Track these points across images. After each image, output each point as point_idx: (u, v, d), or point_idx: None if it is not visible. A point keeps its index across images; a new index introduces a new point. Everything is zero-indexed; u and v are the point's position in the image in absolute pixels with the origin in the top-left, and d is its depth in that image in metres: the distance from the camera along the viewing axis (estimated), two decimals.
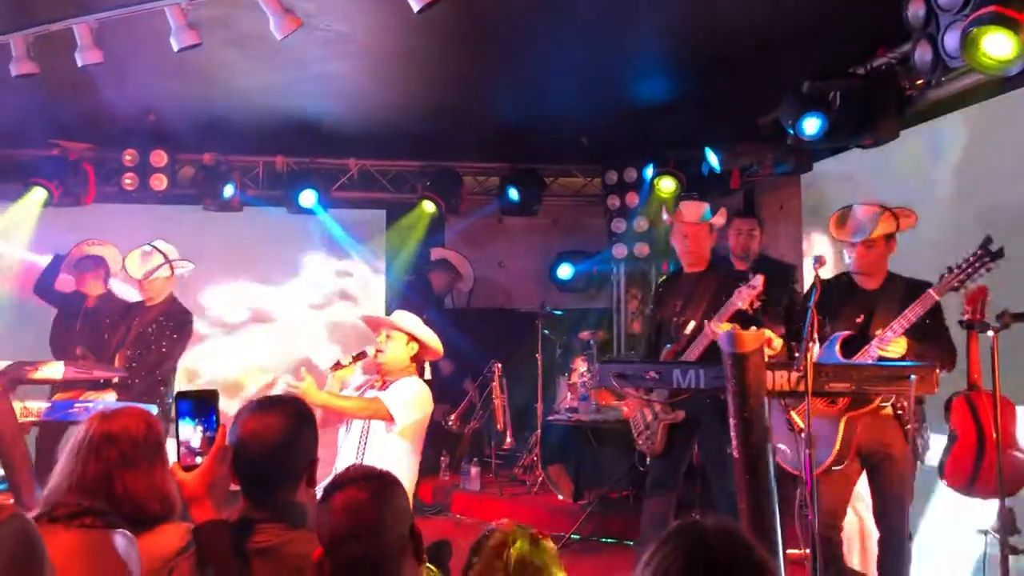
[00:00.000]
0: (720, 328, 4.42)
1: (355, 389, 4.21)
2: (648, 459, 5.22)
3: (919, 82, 4.74)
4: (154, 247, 5.81)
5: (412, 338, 4.16)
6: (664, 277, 5.93)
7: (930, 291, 3.86)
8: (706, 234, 4.87)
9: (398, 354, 4.12)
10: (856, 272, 4.17)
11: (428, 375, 4.37)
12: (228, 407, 4.82)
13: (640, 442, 4.94)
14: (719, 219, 4.90)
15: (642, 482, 6.13)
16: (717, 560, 1.30)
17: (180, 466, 2.07)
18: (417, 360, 4.19)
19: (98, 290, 6.31)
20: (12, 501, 3.96)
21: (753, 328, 4.35)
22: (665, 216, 5.12)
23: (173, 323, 5.72)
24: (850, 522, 4.52)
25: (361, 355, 4.24)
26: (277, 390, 7.83)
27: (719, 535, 1.33)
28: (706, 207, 4.98)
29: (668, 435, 4.80)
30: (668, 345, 4.81)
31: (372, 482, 1.90)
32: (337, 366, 4.20)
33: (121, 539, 1.98)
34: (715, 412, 4.54)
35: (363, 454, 4.00)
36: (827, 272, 3.91)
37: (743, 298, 4.41)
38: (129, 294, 6.41)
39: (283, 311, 8.35)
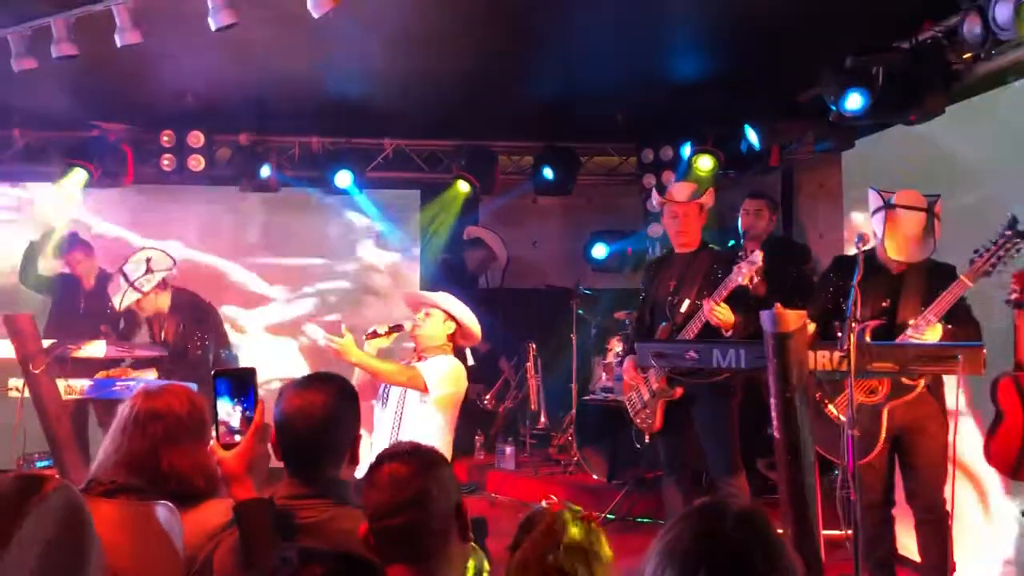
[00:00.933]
0: (719, 308, 4.39)
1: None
2: (647, 437, 5.25)
3: (966, 56, 4.62)
4: (120, 271, 5.51)
5: (449, 317, 4.16)
6: (654, 258, 5.91)
7: (962, 278, 3.77)
8: (696, 214, 4.85)
9: (434, 331, 4.13)
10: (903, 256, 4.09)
11: (471, 360, 4.36)
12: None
13: (638, 421, 4.98)
14: (708, 199, 4.89)
15: None
16: (728, 543, 1.25)
17: (219, 445, 2.08)
18: (454, 341, 4.19)
19: (94, 271, 6.39)
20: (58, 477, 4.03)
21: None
22: (655, 198, 5.12)
23: (193, 322, 5.63)
24: None
25: (398, 327, 4.25)
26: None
27: (736, 518, 1.27)
28: (695, 187, 4.97)
29: (665, 412, 4.81)
30: (663, 324, 4.80)
31: (417, 456, 1.90)
32: (373, 335, 4.19)
33: (163, 510, 1.99)
34: (707, 388, 4.61)
35: (398, 430, 4.02)
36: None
37: (743, 274, 4.36)
38: None
39: (316, 291, 8.39)
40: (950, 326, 3.84)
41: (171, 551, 1.96)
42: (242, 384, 2.10)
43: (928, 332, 3.81)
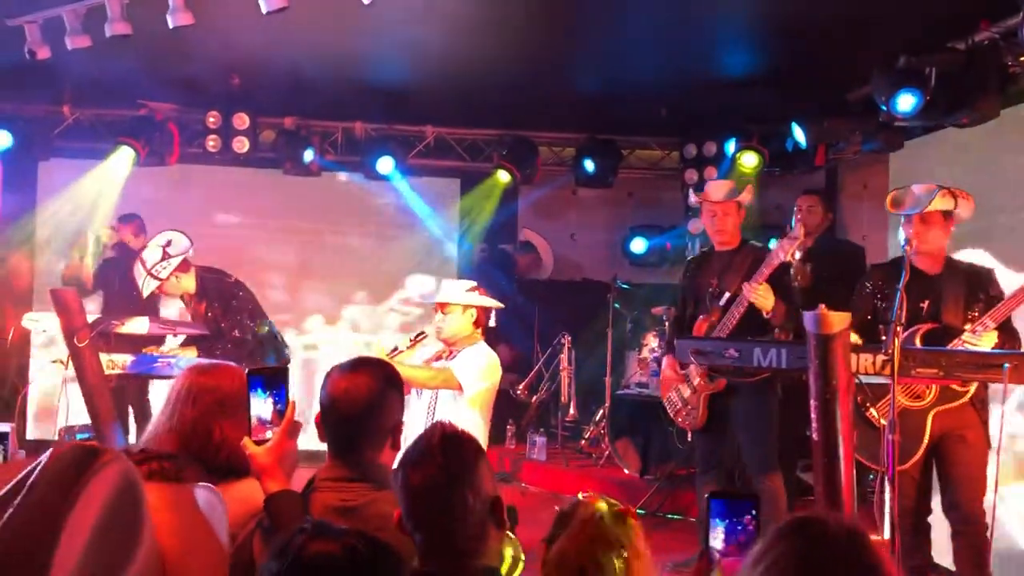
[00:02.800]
0: (759, 288, 4.35)
1: (424, 362, 4.23)
2: (689, 436, 5.21)
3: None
4: (138, 258, 5.45)
5: (467, 307, 4.15)
6: (694, 256, 5.86)
7: None
8: (734, 211, 4.81)
9: (459, 326, 4.13)
10: (915, 252, 3.99)
11: (492, 322, 4.35)
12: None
13: (679, 420, 4.94)
14: (746, 196, 4.84)
15: None
16: (837, 564, 1.20)
17: (251, 439, 2.11)
18: (480, 324, 4.19)
19: (140, 243, 6.45)
20: None
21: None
22: (693, 198, 5.08)
23: (220, 304, 5.62)
24: None
25: (420, 336, 4.26)
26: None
27: (839, 536, 1.23)
28: (732, 185, 4.93)
29: (709, 407, 4.78)
30: (701, 317, 4.77)
31: (451, 460, 1.87)
32: (395, 351, 4.17)
33: (203, 492, 2.01)
34: (749, 384, 4.58)
35: (432, 420, 4.02)
36: (882, 257, 3.78)
37: (784, 248, 4.35)
38: None
39: (355, 277, 8.45)
40: (1001, 335, 3.77)
41: (211, 534, 1.96)
42: (274, 380, 2.13)
43: (984, 338, 3.74)
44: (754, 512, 1.68)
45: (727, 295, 4.66)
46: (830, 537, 1.22)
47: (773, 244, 4.61)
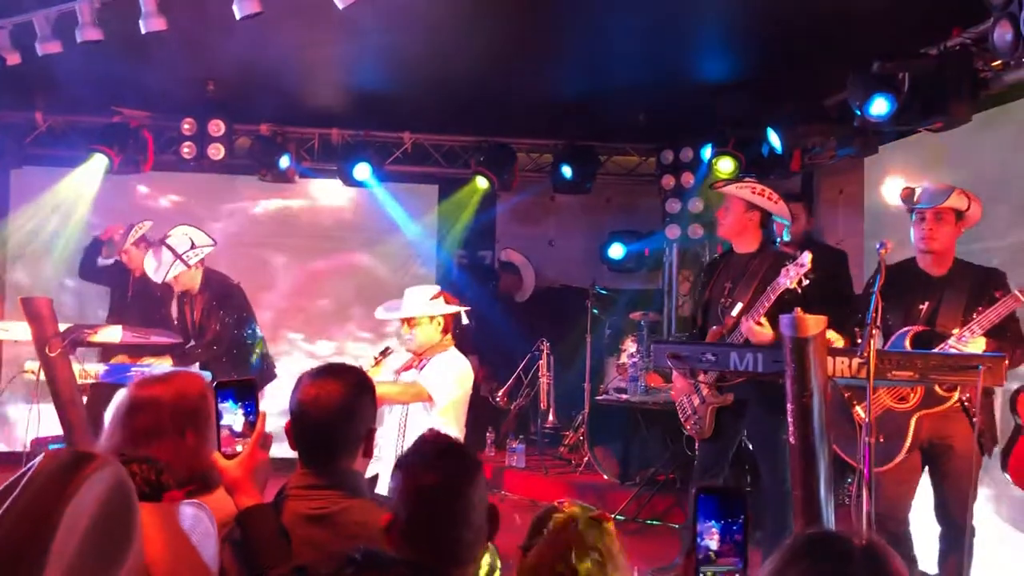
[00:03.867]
0: (758, 329, 4.26)
1: (394, 372, 4.18)
2: (696, 444, 5.17)
3: (996, 64, 4.57)
4: (164, 244, 5.61)
5: (432, 318, 4.10)
6: (714, 257, 5.82)
7: (1016, 292, 3.67)
8: (741, 211, 4.71)
9: (428, 336, 4.08)
10: (924, 251, 3.99)
11: (465, 320, 4.29)
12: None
13: (688, 427, 4.89)
14: (752, 197, 4.70)
15: (689, 465, 6.09)
16: None
17: (221, 452, 2.07)
18: (448, 330, 4.12)
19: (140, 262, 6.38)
20: None
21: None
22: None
23: (217, 300, 5.70)
24: None
25: (385, 352, 4.23)
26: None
27: (866, 559, 1.16)
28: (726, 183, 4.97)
29: (717, 419, 4.73)
30: (714, 327, 4.72)
31: (458, 467, 1.84)
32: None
33: (189, 510, 1.96)
34: (761, 396, 4.47)
35: (404, 431, 3.99)
36: (889, 258, 3.77)
37: (790, 277, 4.20)
38: None
39: (331, 284, 8.40)
40: (995, 339, 3.74)
41: (194, 553, 1.93)
42: (244, 392, 2.10)
43: (971, 344, 3.71)
44: (744, 511, 1.65)
45: (739, 306, 4.53)
46: (852, 555, 1.16)
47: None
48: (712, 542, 1.60)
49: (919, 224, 3.96)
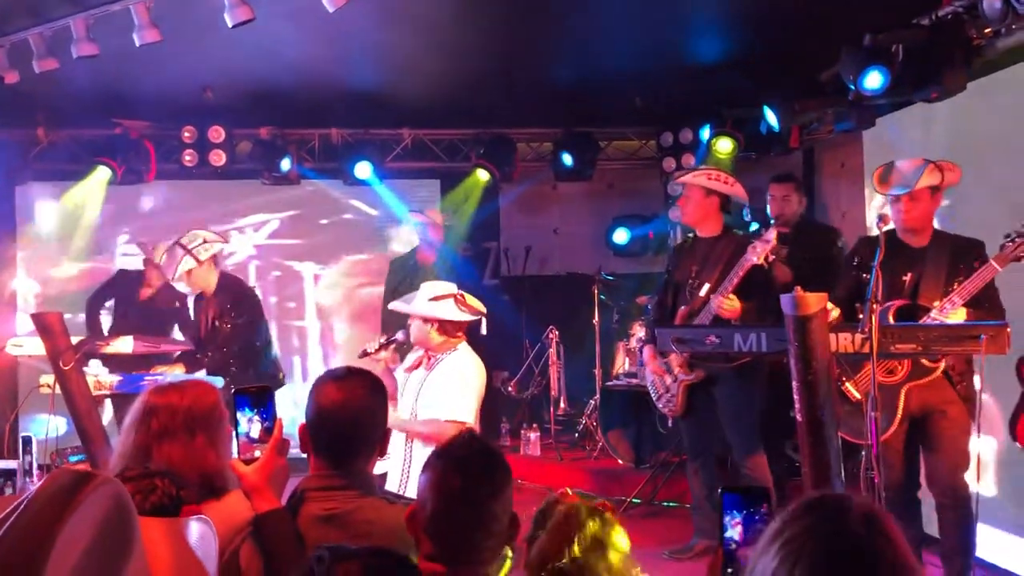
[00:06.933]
0: (726, 301, 4.45)
1: (404, 371, 4.15)
2: (671, 422, 5.29)
3: (987, 31, 4.55)
4: (177, 243, 5.64)
5: (425, 320, 3.96)
6: (679, 243, 5.94)
7: (992, 262, 3.73)
8: (700, 198, 4.92)
9: (421, 333, 3.97)
10: (903, 229, 4.07)
11: (484, 330, 4.27)
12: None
13: (660, 405, 5.04)
14: (713, 184, 4.89)
15: None
16: (862, 552, 1.16)
17: (240, 458, 2.11)
18: (447, 332, 3.96)
19: (158, 281, 6.44)
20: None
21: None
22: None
23: (231, 302, 5.74)
24: None
25: (391, 341, 4.16)
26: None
27: (863, 520, 1.19)
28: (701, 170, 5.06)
29: (688, 396, 4.85)
30: (682, 307, 4.84)
31: (493, 470, 1.87)
32: (363, 354, 4.11)
33: (196, 525, 2.00)
34: (732, 372, 4.65)
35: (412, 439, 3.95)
36: (862, 232, 3.81)
37: (757, 252, 4.45)
38: None
39: (338, 282, 8.44)
40: (974, 308, 3.78)
41: (200, 568, 1.97)
42: (261, 398, 2.14)
43: (952, 316, 3.75)
44: (768, 504, 1.70)
45: (707, 287, 4.72)
46: (853, 522, 1.19)
47: (755, 232, 4.66)
48: (735, 532, 1.67)
49: (895, 204, 4.04)
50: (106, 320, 6.72)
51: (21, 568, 1.23)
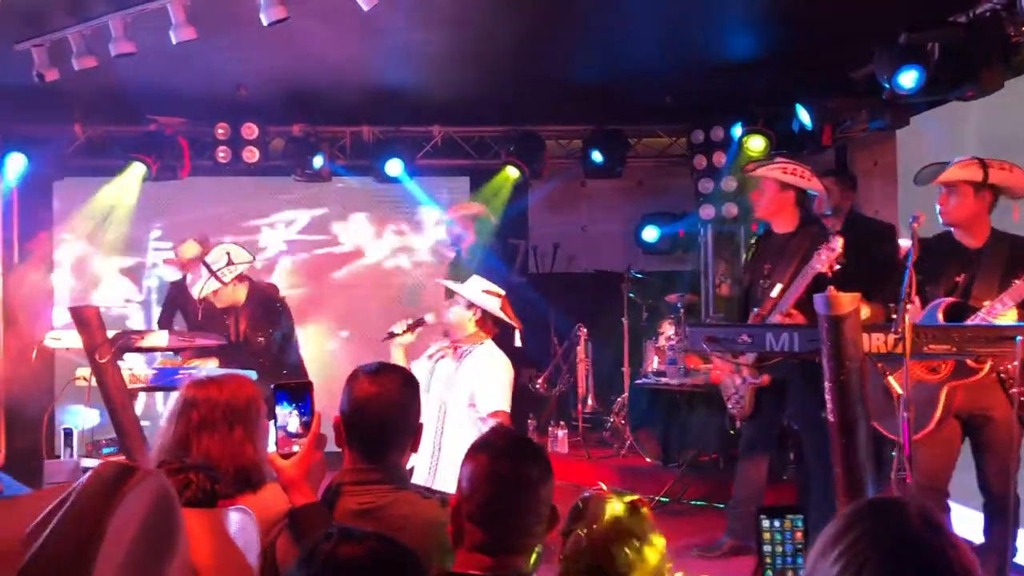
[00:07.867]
0: (788, 319, 4.33)
1: (428, 357, 4.17)
2: (738, 422, 5.20)
3: None
4: (202, 261, 5.65)
5: (469, 305, 4.06)
6: (757, 238, 5.81)
7: None
8: (775, 192, 4.77)
9: (459, 318, 4.04)
10: (947, 225, 4.02)
11: (518, 342, 4.29)
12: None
13: (730, 405, 4.95)
14: (787, 177, 4.73)
15: (731, 445, 6.11)
16: (930, 555, 1.16)
17: (279, 452, 2.15)
18: (484, 328, 4.06)
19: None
20: None
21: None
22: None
23: (262, 315, 5.74)
24: None
25: (418, 322, 4.16)
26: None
27: (924, 523, 1.19)
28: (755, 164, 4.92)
29: (756, 398, 4.77)
30: (755, 309, 4.73)
31: (539, 459, 1.92)
32: (390, 336, 4.13)
33: (236, 516, 2.04)
34: (801, 375, 4.49)
35: (443, 424, 3.96)
36: (928, 231, 3.76)
37: (822, 261, 4.24)
38: None
39: (366, 278, 8.50)
40: None
41: (240, 557, 2.00)
42: (299, 393, 2.18)
43: (1002, 317, 3.69)
44: (802, 522, 1.78)
45: (779, 287, 4.55)
46: (915, 528, 1.19)
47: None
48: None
49: (939, 198, 3.98)
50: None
51: (73, 559, 1.25)
